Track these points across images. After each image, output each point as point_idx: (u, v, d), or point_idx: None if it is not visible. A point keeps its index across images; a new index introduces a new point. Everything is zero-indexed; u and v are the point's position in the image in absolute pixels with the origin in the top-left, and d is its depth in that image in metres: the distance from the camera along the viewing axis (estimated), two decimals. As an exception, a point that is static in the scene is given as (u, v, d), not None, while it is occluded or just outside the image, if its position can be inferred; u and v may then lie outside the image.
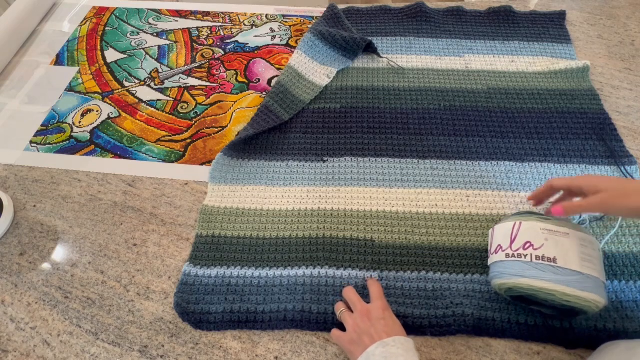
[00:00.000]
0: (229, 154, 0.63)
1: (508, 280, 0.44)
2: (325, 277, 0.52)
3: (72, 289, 0.53)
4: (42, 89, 0.76)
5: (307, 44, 0.76)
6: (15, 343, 0.49)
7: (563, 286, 0.42)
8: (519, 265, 0.44)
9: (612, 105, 0.69)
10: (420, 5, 0.83)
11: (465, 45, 0.78)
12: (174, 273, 0.54)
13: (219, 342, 0.49)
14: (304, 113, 0.69)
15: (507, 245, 0.46)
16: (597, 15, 0.84)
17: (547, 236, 0.45)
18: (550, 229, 0.45)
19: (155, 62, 0.79)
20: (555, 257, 0.43)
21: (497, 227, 0.49)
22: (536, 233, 0.45)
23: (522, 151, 0.63)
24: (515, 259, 0.45)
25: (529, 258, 0.44)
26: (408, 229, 0.56)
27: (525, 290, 0.44)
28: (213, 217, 0.58)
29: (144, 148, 0.67)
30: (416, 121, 0.67)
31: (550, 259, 0.43)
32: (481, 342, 0.48)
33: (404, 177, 0.61)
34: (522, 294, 0.45)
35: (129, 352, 0.48)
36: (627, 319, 0.48)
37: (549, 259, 0.43)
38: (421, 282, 0.52)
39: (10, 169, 0.65)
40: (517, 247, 0.45)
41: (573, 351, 0.47)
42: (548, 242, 0.44)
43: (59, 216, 0.60)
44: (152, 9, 0.90)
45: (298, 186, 0.61)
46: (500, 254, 0.47)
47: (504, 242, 0.47)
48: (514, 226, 0.47)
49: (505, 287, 0.45)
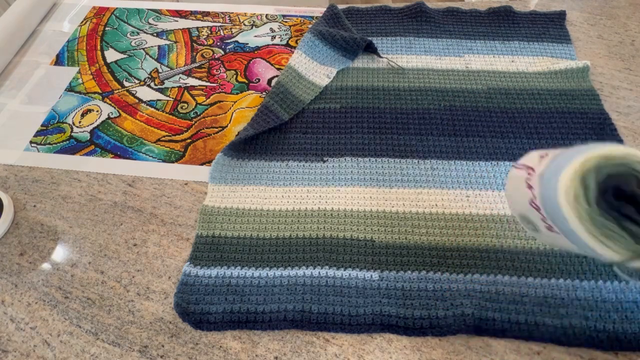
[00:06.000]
0: (229, 154, 0.63)
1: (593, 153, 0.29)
2: (325, 277, 0.52)
3: (72, 289, 0.53)
4: (42, 89, 0.76)
5: (307, 44, 0.76)
6: (15, 343, 0.49)
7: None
8: (560, 158, 0.31)
9: (612, 105, 0.69)
10: (420, 5, 0.83)
11: (465, 45, 0.78)
12: (174, 273, 0.54)
13: (219, 342, 0.49)
14: (304, 113, 0.69)
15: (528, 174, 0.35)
16: (597, 15, 0.84)
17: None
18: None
19: (155, 62, 0.79)
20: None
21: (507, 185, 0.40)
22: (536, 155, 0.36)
23: (522, 151, 0.63)
24: (549, 160, 0.32)
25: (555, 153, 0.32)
26: (408, 229, 0.56)
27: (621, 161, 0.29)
28: (213, 217, 0.58)
29: (144, 148, 0.67)
30: (416, 121, 0.67)
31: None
32: (481, 342, 0.48)
33: (404, 177, 0.61)
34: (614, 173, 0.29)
35: (129, 352, 0.48)
36: (626, 320, 0.48)
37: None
38: (421, 282, 0.52)
39: (10, 169, 0.65)
40: (536, 163, 0.34)
41: (573, 351, 0.47)
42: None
43: (59, 216, 0.60)
44: (152, 9, 0.90)
45: (298, 186, 0.61)
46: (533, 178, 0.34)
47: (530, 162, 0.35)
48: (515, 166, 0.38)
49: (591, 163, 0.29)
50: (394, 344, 0.48)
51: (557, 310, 0.48)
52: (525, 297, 0.50)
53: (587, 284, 0.50)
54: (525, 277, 0.51)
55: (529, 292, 0.50)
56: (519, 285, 0.51)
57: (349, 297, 0.51)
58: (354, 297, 0.50)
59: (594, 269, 0.51)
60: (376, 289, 0.51)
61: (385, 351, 0.48)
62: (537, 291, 0.50)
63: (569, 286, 0.50)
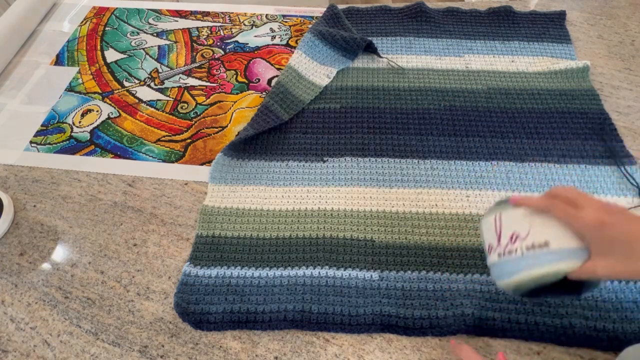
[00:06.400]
0: (229, 154, 0.63)
1: (509, 280, 0.42)
2: (325, 277, 0.52)
3: (72, 289, 0.53)
4: (42, 89, 0.76)
5: (307, 44, 0.76)
6: (15, 343, 0.49)
7: (565, 262, 0.39)
8: (512, 263, 0.42)
9: (612, 105, 0.69)
10: (420, 5, 0.83)
11: (465, 45, 0.78)
12: (174, 273, 0.54)
13: (219, 342, 0.49)
14: (304, 113, 0.69)
15: (496, 244, 0.44)
16: (597, 15, 0.84)
17: (530, 219, 0.42)
18: (531, 211, 0.42)
19: (155, 62, 0.79)
20: (547, 240, 0.40)
21: (482, 223, 0.47)
22: (518, 220, 0.43)
23: (522, 151, 0.63)
24: (507, 256, 0.42)
25: (519, 252, 0.41)
26: (408, 229, 0.56)
27: (529, 283, 0.41)
28: (213, 217, 0.58)
29: (144, 148, 0.67)
30: (416, 121, 0.67)
31: (541, 244, 0.40)
32: (481, 342, 0.48)
33: (404, 177, 0.61)
34: (532, 288, 0.41)
35: (129, 352, 0.48)
36: (626, 320, 0.48)
37: (541, 245, 0.40)
38: (421, 282, 0.52)
39: (10, 169, 0.65)
40: (505, 242, 0.43)
41: (573, 351, 0.47)
42: (533, 226, 0.41)
43: (59, 216, 0.60)
44: (152, 9, 0.90)
45: (298, 186, 0.61)
46: (493, 255, 0.44)
47: (492, 240, 0.45)
48: (495, 220, 0.44)
49: (511, 288, 0.43)
50: (394, 344, 0.48)
51: (557, 310, 0.48)
52: (525, 297, 0.50)
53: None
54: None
55: (529, 292, 0.50)
56: (519, 285, 0.51)
57: (349, 297, 0.51)
58: (354, 297, 0.50)
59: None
60: (376, 289, 0.51)
61: (385, 351, 0.48)
62: (537, 291, 0.50)
63: (569, 286, 0.50)
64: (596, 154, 0.62)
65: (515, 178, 0.60)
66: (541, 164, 0.62)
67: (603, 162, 0.61)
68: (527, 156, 0.62)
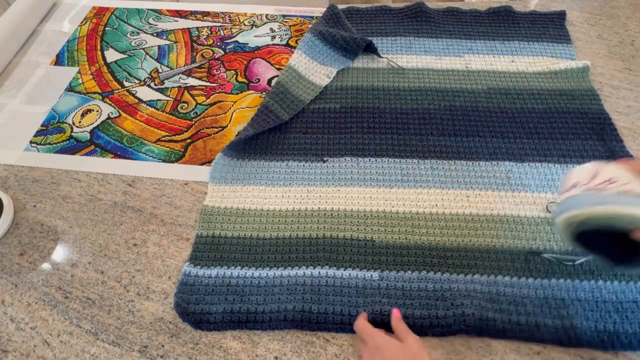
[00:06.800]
0: (229, 154, 0.63)
1: (582, 211, 0.38)
2: (325, 277, 0.52)
3: (72, 289, 0.53)
4: (42, 89, 0.76)
5: (307, 44, 0.76)
6: (15, 343, 0.49)
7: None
8: (599, 196, 0.39)
9: (612, 105, 0.69)
10: (420, 5, 0.83)
11: (465, 45, 0.78)
12: (174, 273, 0.54)
13: (219, 342, 0.49)
14: (304, 113, 0.69)
15: (586, 181, 0.41)
16: (597, 15, 0.84)
17: (633, 175, 0.40)
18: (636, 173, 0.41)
19: (155, 62, 0.79)
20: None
21: (573, 170, 0.45)
22: (621, 173, 0.41)
23: (522, 151, 0.63)
24: (594, 192, 0.40)
25: (613, 191, 0.39)
26: (408, 229, 0.56)
27: (603, 220, 0.38)
28: (213, 217, 0.58)
29: (144, 148, 0.67)
30: (416, 121, 0.67)
31: (638, 195, 0.38)
32: (481, 342, 0.48)
33: (404, 177, 0.61)
34: (593, 229, 0.39)
35: (129, 352, 0.48)
36: (626, 320, 0.48)
37: (637, 195, 0.38)
38: (422, 282, 0.52)
39: (10, 169, 0.65)
40: (598, 182, 0.40)
41: (573, 351, 0.47)
42: (636, 180, 0.40)
43: (59, 216, 0.60)
44: (152, 9, 0.90)
45: (298, 186, 0.61)
46: (575, 190, 0.41)
47: (582, 178, 0.42)
48: (593, 167, 0.42)
49: (579, 218, 0.39)
50: (394, 344, 0.48)
51: (558, 310, 0.48)
52: (525, 297, 0.50)
53: (587, 284, 0.50)
54: (525, 277, 0.51)
55: (529, 292, 0.50)
56: (519, 286, 0.51)
57: (349, 297, 0.51)
58: (354, 297, 0.50)
59: (594, 269, 0.51)
60: (376, 289, 0.51)
61: (385, 351, 0.48)
62: (537, 292, 0.50)
63: (569, 286, 0.50)
64: (596, 154, 0.62)
65: (515, 178, 0.60)
66: (541, 164, 0.62)
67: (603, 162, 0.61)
68: (527, 156, 0.63)
